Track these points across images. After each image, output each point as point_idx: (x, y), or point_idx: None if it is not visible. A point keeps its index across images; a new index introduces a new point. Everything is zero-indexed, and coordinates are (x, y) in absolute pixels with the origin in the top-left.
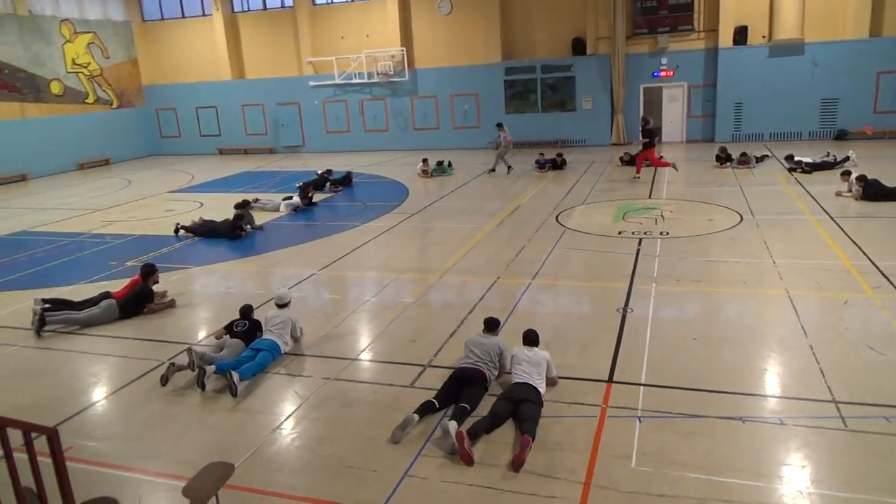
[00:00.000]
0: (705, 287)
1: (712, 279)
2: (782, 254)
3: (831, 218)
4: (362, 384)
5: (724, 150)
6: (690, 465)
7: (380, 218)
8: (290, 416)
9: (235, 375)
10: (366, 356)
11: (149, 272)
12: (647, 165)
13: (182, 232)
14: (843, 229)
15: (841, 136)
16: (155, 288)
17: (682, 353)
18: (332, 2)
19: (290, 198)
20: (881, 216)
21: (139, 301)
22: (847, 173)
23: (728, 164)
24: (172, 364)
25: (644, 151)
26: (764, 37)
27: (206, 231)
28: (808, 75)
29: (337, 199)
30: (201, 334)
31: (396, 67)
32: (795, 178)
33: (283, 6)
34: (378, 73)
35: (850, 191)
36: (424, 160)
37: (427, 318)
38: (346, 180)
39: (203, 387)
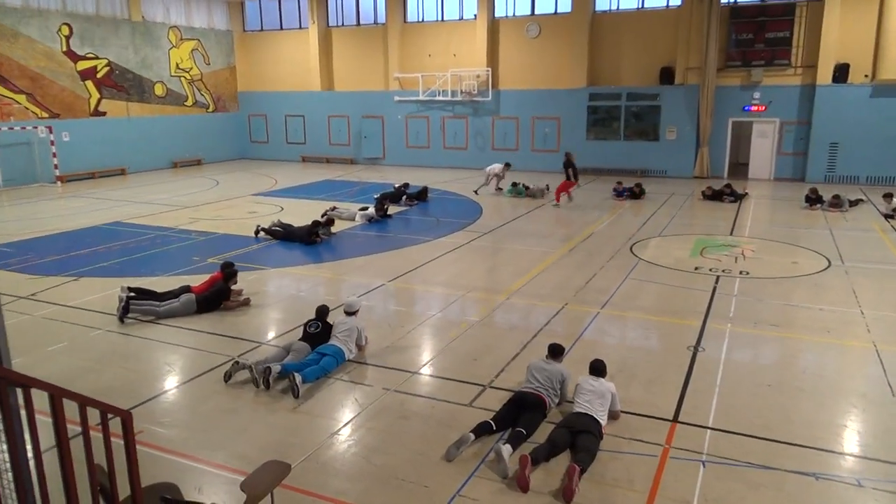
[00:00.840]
0: (784, 332)
1: (792, 325)
2: (872, 304)
3: None
4: (421, 398)
5: (814, 190)
6: None
7: (452, 234)
8: (348, 422)
9: (298, 378)
10: (426, 370)
11: (231, 274)
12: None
13: (262, 234)
14: None
15: None
16: (232, 287)
17: (754, 400)
18: (422, 20)
19: (367, 208)
20: None
21: (217, 298)
22: None
23: (818, 205)
24: (237, 362)
25: (565, 182)
26: (867, 76)
27: (284, 234)
28: None
29: (411, 212)
30: (271, 334)
31: (480, 87)
32: (892, 226)
33: (375, 22)
34: (462, 92)
35: None
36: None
37: (491, 338)
38: (421, 195)
39: (268, 386)
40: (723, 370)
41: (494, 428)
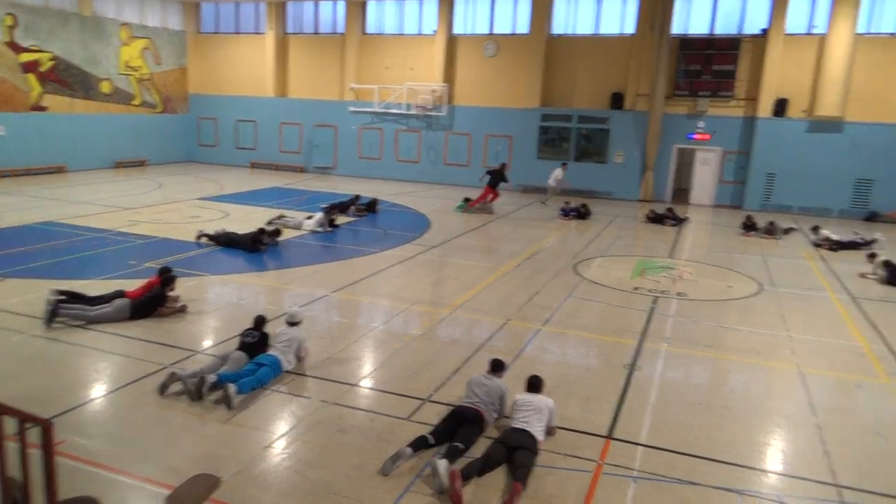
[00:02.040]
0: (716, 353)
1: (724, 346)
2: (798, 328)
3: (853, 298)
4: (359, 411)
5: (750, 218)
6: None
7: (399, 247)
8: (283, 435)
9: (233, 388)
10: (366, 383)
11: (168, 279)
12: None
13: (204, 239)
14: (863, 311)
15: (871, 217)
16: (169, 293)
17: (685, 418)
18: (381, 33)
19: (312, 217)
20: None
21: (152, 303)
22: (873, 255)
23: (753, 232)
24: (173, 374)
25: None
26: (804, 111)
27: (227, 241)
28: (845, 154)
29: (359, 223)
30: (207, 343)
31: (436, 102)
32: (820, 255)
33: (334, 32)
34: (417, 106)
35: (874, 273)
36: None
37: (432, 352)
38: (371, 206)
39: (201, 396)
40: (656, 389)
41: (432, 442)
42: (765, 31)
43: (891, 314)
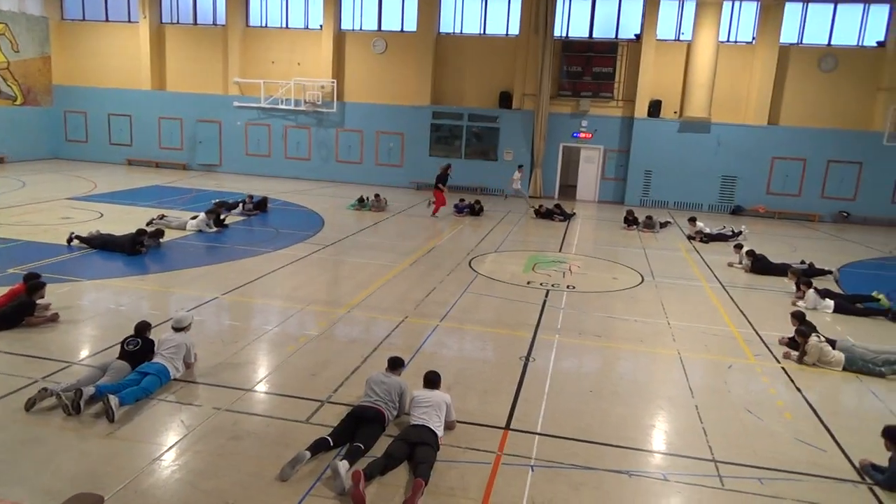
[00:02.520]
0: (604, 342)
1: (611, 335)
2: (677, 316)
3: (722, 286)
4: (255, 417)
5: (631, 213)
6: None
7: (292, 246)
8: (172, 446)
9: (113, 399)
10: (262, 388)
11: (36, 286)
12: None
13: (76, 242)
14: (732, 298)
15: (737, 211)
16: (37, 301)
17: (578, 405)
18: (265, 26)
19: (197, 216)
20: (766, 289)
21: (18, 313)
22: (739, 246)
23: (634, 226)
24: (45, 388)
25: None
26: (675, 112)
27: (102, 243)
28: (712, 153)
29: (249, 222)
30: (84, 353)
31: (325, 98)
32: (694, 246)
33: (214, 23)
34: (305, 102)
35: (740, 263)
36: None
37: (330, 352)
38: (261, 205)
39: (78, 410)
40: (550, 378)
41: (332, 444)
42: (638, 37)
43: (756, 300)
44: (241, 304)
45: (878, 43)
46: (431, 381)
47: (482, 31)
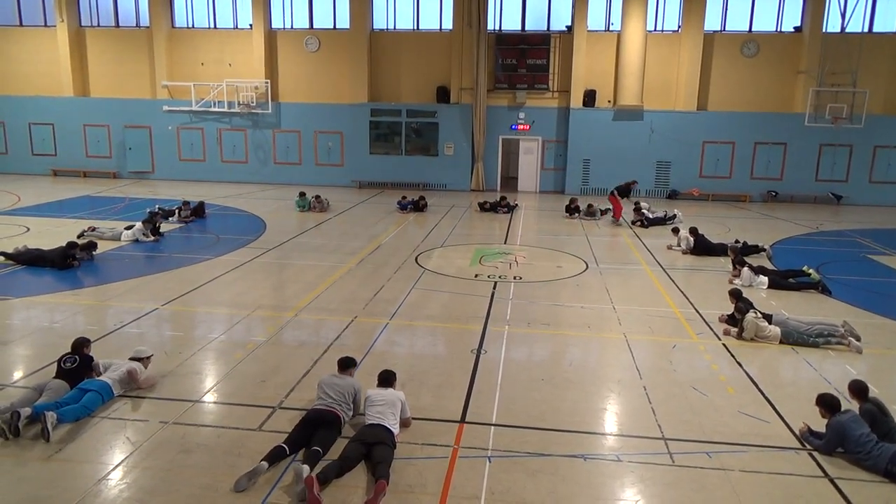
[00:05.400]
0: (553, 330)
1: (559, 323)
2: (621, 300)
3: (663, 269)
4: (205, 428)
5: (573, 201)
6: (535, 503)
7: (233, 252)
8: (118, 464)
9: (50, 416)
10: (210, 398)
11: None
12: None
13: (2, 259)
14: (672, 280)
15: (672, 195)
16: None
17: (531, 394)
18: (192, 26)
19: (132, 226)
20: (705, 269)
21: None
22: (676, 230)
23: (576, 215)
24: None
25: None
26: (609, 101)
27: (31, 259)
28: (646, 140)
29: (187, 230)
30: (17, 374)
31: (259, 99)
32: (634, 231)
33: (137, 25)
34: (239, 104)
35: (679, 245)
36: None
37: (279, 357)
38: (198, 211)
39: (17, 433)
40: (503, 369)
41: (288, 451)
42: (570, 28)
43: (695, 281)
44: (184, 313)
45: (794, 28)
46: (385, 379)
47: (416, 27)
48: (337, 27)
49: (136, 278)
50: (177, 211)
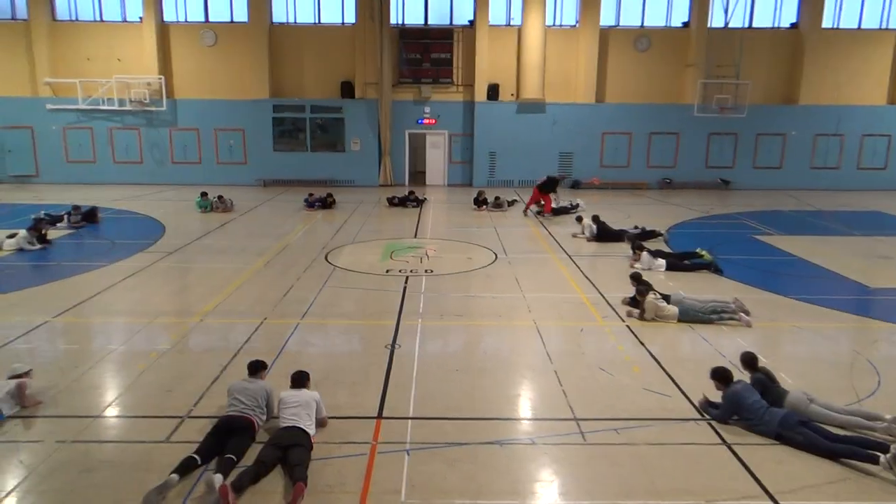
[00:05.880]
0: (466, 321)
1: (472, 314)
2: (530, 288)
3: (569, 256)
4: (107, 444)
5: (481, 193)
6: (456, 492)
7: (131, 257)
8: (12, 491)
9: None
10: (112, 412)
11: None
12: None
13: None
14: (578, 266)
15: (575, 185)
16: None
17: (446, 385)
18: (76, 19)
19: (15, 234)
20: (608, 255)
21: None
22: (580, 218)
23: (484, 207)
24: None
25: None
26: (513, 95)
27: None
28: (549, 132)
29: (78, 236)
30: None
31: (153, 96)
32: (540, 221)
33: (13, 18)
34: (131, 101)
35: (583, 233)
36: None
37: (186, 364)
38: (90, 216)
39: None
40: (418, 362)
41: (200, 461)
42: (472, 23)
43: (599, 266)
44: (78, 325)
45: (683, 23)
46: (298, 380)
47: (317, 21)
48: (234, 20)
49: (23, 290)
50: (66, 216)
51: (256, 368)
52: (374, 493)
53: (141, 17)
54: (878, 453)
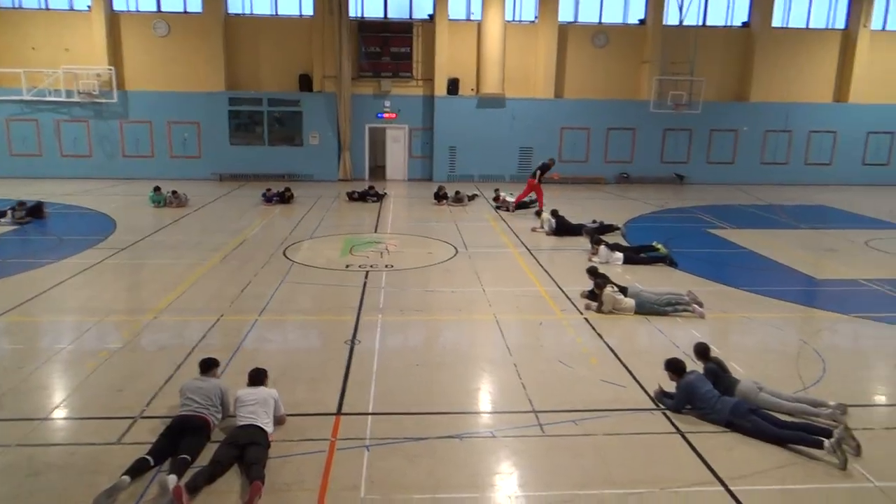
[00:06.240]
0: (426, 316)
1: (432, 308)
2: (490, 282)
3: (528, 250)
4: (55, 447)
5: (441, 188)
6: (415, 486)
7: (80, 254)
8: None
9: None
10: (60, 413)
11: None
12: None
13: None
14: (537, 260)
15: None
16: None
17: (406, 380)
18: (20, 6)
19: None
20: (566, 249)
21: None
22: (539, 212)
23: (445, 201)
24: None
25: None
26: (473, 90)
27: None
28: (509, 127)
29: (23, 232)
30: None
31: (103, 87)
32: (500, 216)
33: None
34: (79, 92)
35: (542, 227)
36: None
37: (138, 363)
38: (35, 211)
39: None
40: (377, 358)
41: (153, 463)
42: (431, 17)
43: (558, 260)
44: (23, 324)
45: (639, 21)
46: (255, 377)
47: (274, 12)
48: (188, 10)
49: None
50: (10, 212)
51: (209, 366)
52: (332, 489)
53: (89, 6)
54: (823, 438)
